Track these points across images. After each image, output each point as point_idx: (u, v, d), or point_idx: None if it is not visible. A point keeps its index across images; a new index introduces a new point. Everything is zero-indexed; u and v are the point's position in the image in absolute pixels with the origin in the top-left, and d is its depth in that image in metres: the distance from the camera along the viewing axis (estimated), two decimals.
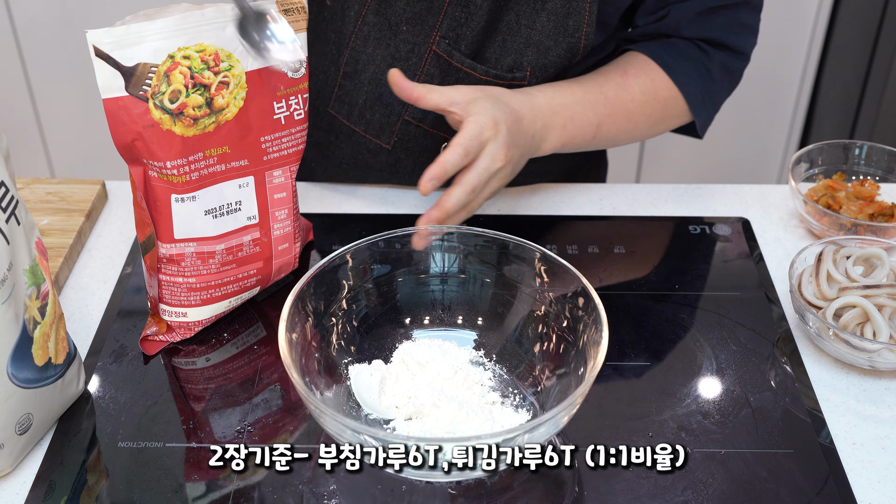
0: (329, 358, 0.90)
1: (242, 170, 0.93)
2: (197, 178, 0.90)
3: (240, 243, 0.95)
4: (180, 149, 0.88)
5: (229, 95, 0.89)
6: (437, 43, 1.07)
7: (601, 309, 0.83)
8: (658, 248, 1.13)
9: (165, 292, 0.94)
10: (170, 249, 0.92)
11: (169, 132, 0.87)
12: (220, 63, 0.88)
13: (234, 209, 0.94)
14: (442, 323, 0.96)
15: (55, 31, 2.12)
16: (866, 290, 0.95)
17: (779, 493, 0.83)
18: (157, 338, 0.96)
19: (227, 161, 0.91)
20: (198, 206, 0.91)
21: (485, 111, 0.99)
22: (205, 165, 0.90)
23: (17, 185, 1.13)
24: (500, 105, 1.02)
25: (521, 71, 1.09)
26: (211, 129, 0.89)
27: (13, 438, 0.82)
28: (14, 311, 0.78)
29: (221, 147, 0.90)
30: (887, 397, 0.93)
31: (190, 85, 0.87)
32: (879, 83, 2.05)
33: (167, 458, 0.85)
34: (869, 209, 1.10)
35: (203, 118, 0.88)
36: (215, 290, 0.96)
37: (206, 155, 0.89)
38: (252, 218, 0.95)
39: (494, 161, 0.99)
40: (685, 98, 1.14)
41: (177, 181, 0.88)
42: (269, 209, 0.97)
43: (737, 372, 0.95)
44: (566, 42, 1.07)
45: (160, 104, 0.86)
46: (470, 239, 0.94)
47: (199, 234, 0.92)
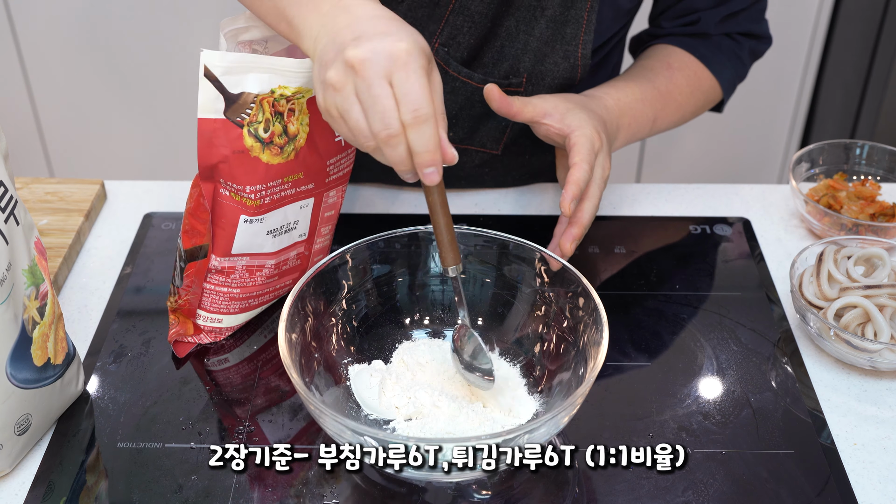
0: (329, 358, 0.90)
1: (308, 193, 0.95)
2: (270, 202, 0.91)
3: (287, 258, 0.97)
4: (262, 176, 0.89)
5: (297, 122, 0.90)
6: (436, 51, 1.07)
7: (601, 309, 0.83)
8: (658, 248, 1.13)
9: (206, 300, 0.95)
10: (223, 262, 0.93)
11: (256, 159, 0.88)
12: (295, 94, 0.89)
13: (291, 228, 0.95)
14: (442, 323, 0.96)
15: (55, 31, 2.12)
16: (867, 290, 0.95)
17: (779, 493, 0.83)
18: (186, 339, 0.97)
19: (299, 186, 0.93)
20: (263, 227, 0.92)
21: (585, 123, 1.02)
22: (279, 191, 0.91)
23: (16, 184, 1.13)
24: (591, 114, 1.04)
25: (518, 77, 1.09)
26: (292, 157, 0.90)
27: (12, 439, 0.82)
28: (13, 312, 0.78)
29: (297, 174, 0.92)
30: (888, 398, 0.93)
31: (272, 113, 0.88)
32: (880, 83, 2.05)
33: (166, 458, 0.85)
34: (870, 209, 1.10)
35: (285, 146, 0.89)
36: (254, 299, 0.97)
37: (283, 181, 0.91)
38: (302, 235, 0.97)
39: (605, 170, 1.02)
40: (721, 86, 1.20)
41: (250, 204, 0.89)
42: (317, 227, 0.99)
43: (737, 372, 0.95)
44: (563, 49, 1.08)
45: (254, 132, 0.87)
46: (470, 239, 0.94)
47: (255, 251, 0.93)
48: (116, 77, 2.17)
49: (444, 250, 0.84)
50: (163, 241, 1.11)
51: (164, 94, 2.19)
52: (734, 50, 1.20)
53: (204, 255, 0.92)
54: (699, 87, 1.18)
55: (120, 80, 2.18)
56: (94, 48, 2.14)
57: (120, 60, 2.15)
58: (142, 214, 1.16)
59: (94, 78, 2.18)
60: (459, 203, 1.18)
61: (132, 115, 2.22)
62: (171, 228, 1.13)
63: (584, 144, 1.00)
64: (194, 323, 0.96)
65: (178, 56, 2.13)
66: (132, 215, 1.16)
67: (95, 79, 2.18)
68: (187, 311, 0.96)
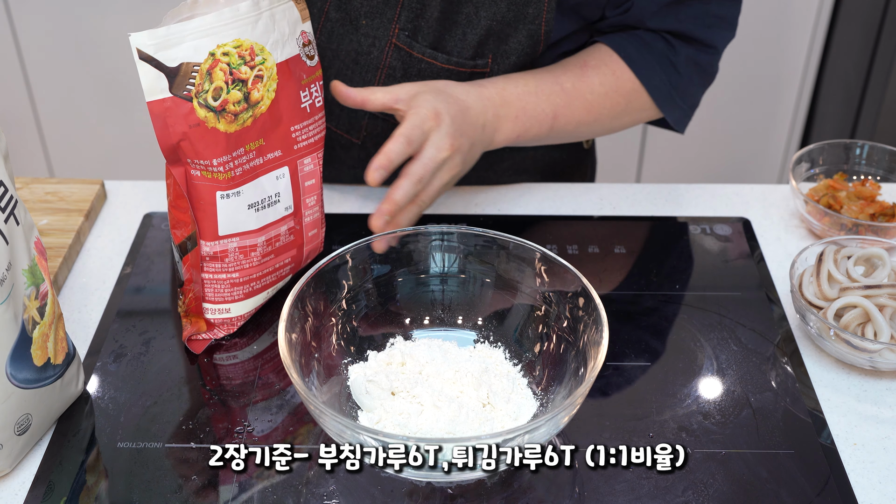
0: (329, 358, 0.89)
1: (278, 161, 0.94)
2: (241, 173, 0.91)
3: (277, 234, 0.97)
4: (224, 146, 0.89)
5: (263, 88, 0.90)
6: (396, 35, 1.07)
7: (601, 309, 0.83)
8: (658, 248, 1.13)
9: (208, 290, 0.95)
10: (213, 247, 0.93)
11: (213, 130, 0.87)
12: (255, 57, 0.90)
13: (273, 201, 0.95)
14: (442, 323, 0.96)
15: (54, 30, 2.12)
16: (867, 290, 0.95)
17: (779, 493, 0.83)
18: (200, 336, 0.97)
19: (264, 154, 0.93)
20: (241, 201, 0.92)
21: (426, 103, 1.00)
22: (246, 160, 0.91)
23: (16, 184, 1.13)
24: (444, 96, 1.02)
25: (483, 58, 1.09)
26: (249, 124, 0.90)
27: (12, 439, 0.82)
28: (13, 312, 0.78)
29: (258, 140, 0.92)
30: (888, 398, 0.93)
31: (230, 81, 0.88)
32: (880, 82, 2.05)
33: (166, 458, 0.85)
34: (870, 209, 1.10)
35: (242, 113, 0.89)
36: (256, 282, 0.97)
37: (246, 150, 0.91)
38: (288, 208, 0.97)
39: (440, 151, 0.99)
40: (648, 91, 1.12)
41: (222, 178, 0.89)
42: (301, 197, 0.98)
43: (737, 372, 0.95)
44: (526, 29, 1.07)
45: (204, 102, 0.87)
46: (470, 239, 0.94)
47: (242, 229, 0.93)
48: (116, 77, 2.17)
49: None
50: (163, 241, 1.11)
51: None
52: (667, 55, 1.11)
53: (194, 243, 0.92)
54: (617, 88, 1.11)
55: (120, 80, 2.18)
56: (94, 48, 2.14)
57: (120, 60, 2.15)
58: (142, 214, 1.16)
59: (94, 78, 2.18)
60: (459, 203, 1.18)
61: (132, 115, 2.22)
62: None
63: (409, 119, 0.98)
64: (206, 320, 0.96)
65: None
66: (132, 215, 1.16)
67: (95, 79, 2.18)
68: (196, 309, 0.96)
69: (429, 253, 0.95)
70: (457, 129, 1.00)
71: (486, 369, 0.89)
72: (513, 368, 0.91)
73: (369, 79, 1.12)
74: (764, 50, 2.21)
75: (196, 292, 0.95)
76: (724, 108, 2.29)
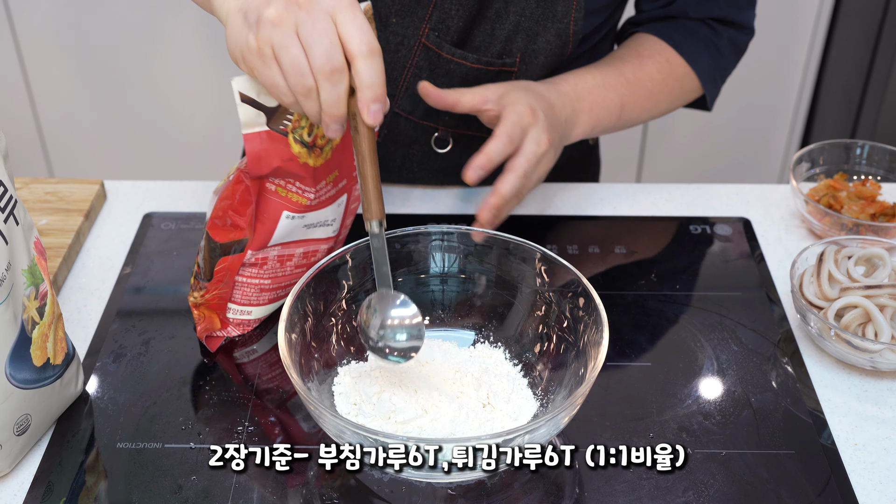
0: (329, 358, 0.89)
1: (342, 189, 0.96)
2: (316, 203, 0.92)
3: (316, 249, 0.97)
4: (311, 180, 0.90)
5: None
6: (426, 35, 1.07)
7: (601, 309, 0.83)
8: (658, 248, 1.13)
9: (237, 293, 0.96)
10: (256, 255, 0.93)
11: (305, 164, 0.89)
12: None
13: (327, 223, 0.96)
14: (442, 323, 0.96)
15: (54, 30, 2.12)
16: (868, 290, 0.95)
17: (780, 494, 0.83)
18: (215, 333, 0.97)
19: (337, 184, 0.94)
20: (302, 222, 0.93)
21: (520, 100, 1.02)
22: (324, 192, 0.93)
23: (16, 184, 1.13)
24: (532, 94, 1.04)
25: (511, 57, 1.10)
26: (329, 157, 0.91)
27: (11, 439, 0.82)
28: (12, 312, 0.78)
29: (333, 173, 0.93)
30: (889, 398, 0.92)
31: None
32: (881, 82, 2.05)
33: (166, 458, 0.85)
34: (870, 209, 1.10)
35: (325, 146, 0.90)
36: (283, 290, 0.98)
37: (326, 182, 0.92)
38: (336, 231, 0.98)
39: (539, 145, 1.01)
40: (697, 74, 1.18)
41: (296, 200, 0.90)
42: (346, 219, 1.00)
43: (738, 372, 0.95)
44: (555, 27, 1.08)
45: (300, 138, 0.87)
46: (470, 239, 0.94)
47: (287, 240, 0.94)
48: (116, 77, 2.17)
49: (370, 201, 0.82)
50: (163, 241, 1.11)
51: (165, 95, 2.19)
52: (711, 38, 1.18)
53: (240, 249, 0.92)
54: (672, 74, 1.16)
55: (120, 80, 2.18)
56: (94, 48, 2.14)
57: (120, 60, 2.15)
58: (142, 214, 1.16)
59: (93, 78, 2.18)
60: (459, 203, 1.18)
61: (132, 115, 2.22)
62: (171, 228, 1.13)
63: (508, 117, 1.00)
64: (221, 317, 0.96)
65: (179, 56, 2.12)
66: (132, 215, 1.16)
67: (95, 79, 2.18)
68: (216, 306, 0.96)
69: (429, 253, 0.95)
70: (550, 124, 1.03)
71: (486, 369, 0.89)
72: (513, 368, 0.91)
73: (395, 77, 1.12)
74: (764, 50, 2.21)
75: (222, 292, 0.95)
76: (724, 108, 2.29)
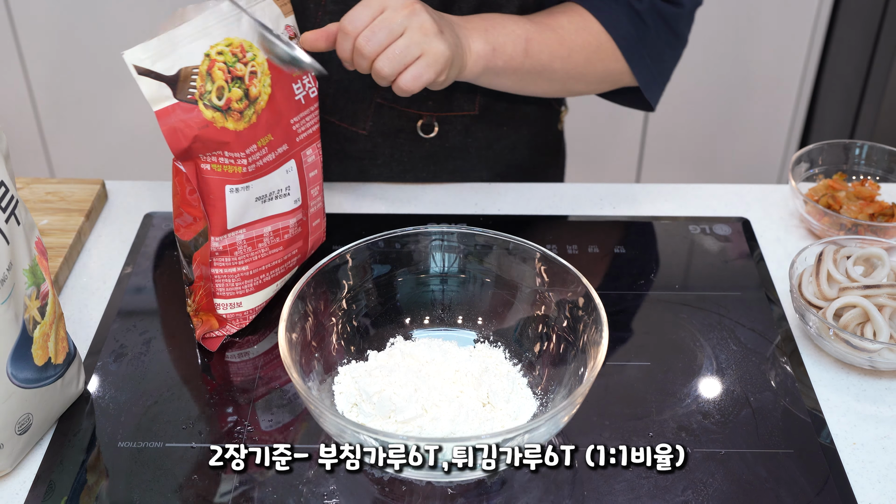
0: (329, 358, 0.90)
1: (286, 155, 0.96)
2: (254, 169, 0.92)
3: (286, 226, 0.98)
4: (235, 144, 0.90)
5: (259, 84, 0.91)
6: None
7: (601, 309, 0.83)
8: (658, 248, 1.13)
9: (219, 285, 0.96)
10: (222, 241, 0.93)
11: (223, 129, 0.89)
12: (246, 53, 0.91)
13: (283, 194, 0.96)
14: (442, 323, 0.96)
15: (55, 31, 2.12)
16: (866, 290, 0.95)
17: (779, 493, 0.83)
18: (214, 334, 0.97)
19: (274, 149, 0.94)
20: (250, 195, 0.93)
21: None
22: (259, 157, 0.92)
23: (17, 184, 1.13)
24: None
25: None
26: (254, 121, 0.91)
27: (13, 438, 0.82)
28: (14, 311, 0.78)
29: (266, 136, 0.93)
30: (888, 397, 0.93)
31: (229, 79, 0.89)
32: (880, 83, 2.05)
33: (167, 458, 0.85)
34: (869, 209, 1.10)
35: (245, 110, 0.90)
36: (265, 274, 0.98)
37: (258, 146, 0.92)
38: (297, 200, 0.98)
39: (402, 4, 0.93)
40: (615, 40, 1.10)
41: (231, 171, 0.90)
42: (307, 189, 0.99)
43: (737, 372, 0.95)
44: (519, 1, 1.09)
45: (209, 103, 0.88)
46: (470, 239, 0.94)
47: (248, 220, 0.94)
48: (116, 77, 2.17)
49: None
50: (163, 241, 1.11)
51: None
52: (631, 3, 1.10)
53: (205, 239, 0.93)
54: (585, 27, 1.09)
55: (120, 80, 2.18)
56: (94, 48, 2.14)
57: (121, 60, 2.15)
58: (142, 214, 1.16)
59: (94, 78, 2.18)
60: (459, 203, 1.19)
61: (132, 115, 2.22)
62: (172, 228, 1.13)
63: None
64: (217, 316, 0.97)
65: None
66: (132, 215, 1.16)
67: (96, 79, 2.19)
68: (207, 307, 0.96)
69: (429, 253, 0.95)
70: (429, 11, 0.96)
71: (486, 369, 0.89)
72: (513, 368, 0.91)
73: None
74: (764, 50, 2.21)
75: (206, 289, 0.95)
76: (724, 108, 2.29)
